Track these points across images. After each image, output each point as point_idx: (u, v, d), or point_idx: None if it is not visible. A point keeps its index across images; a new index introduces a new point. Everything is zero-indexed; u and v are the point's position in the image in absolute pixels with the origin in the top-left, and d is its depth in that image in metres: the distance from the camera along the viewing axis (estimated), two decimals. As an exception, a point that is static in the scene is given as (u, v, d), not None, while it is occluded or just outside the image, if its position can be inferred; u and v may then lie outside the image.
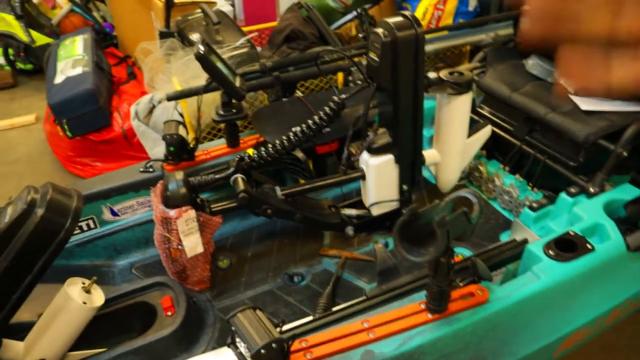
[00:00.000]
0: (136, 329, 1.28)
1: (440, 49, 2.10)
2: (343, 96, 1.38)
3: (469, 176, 1.71)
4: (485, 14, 2.30)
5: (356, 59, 1.74)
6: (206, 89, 1.43)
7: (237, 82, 1.41)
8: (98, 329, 1.20)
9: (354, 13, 2.33)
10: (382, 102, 1.32)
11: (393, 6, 2.34)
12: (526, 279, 1.05)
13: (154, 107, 2.23)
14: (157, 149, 2.23)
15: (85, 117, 2.55)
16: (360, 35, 2.21)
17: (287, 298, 1.32)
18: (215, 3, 2.58)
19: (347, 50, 1.76)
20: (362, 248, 1.47)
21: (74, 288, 1.13)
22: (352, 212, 1.46)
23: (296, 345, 0.88)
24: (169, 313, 1.22)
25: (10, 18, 3.90)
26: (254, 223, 1.55)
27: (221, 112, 1.43)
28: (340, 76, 2.02)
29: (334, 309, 1.02)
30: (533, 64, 1.68)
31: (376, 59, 1.20)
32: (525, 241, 1.21)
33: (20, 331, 1.15)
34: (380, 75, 1.21)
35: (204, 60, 1.31)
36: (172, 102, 2.14)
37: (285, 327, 0.88)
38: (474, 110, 1.66)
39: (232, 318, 0.81)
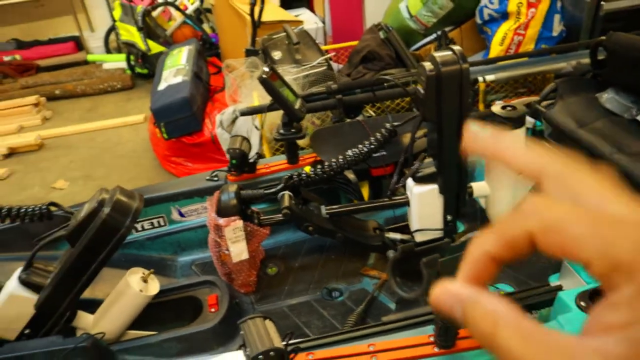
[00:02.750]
0: (185, 319, 1.42)
1: (518, 75, 2.05)
2: (396, 123, 1.43)
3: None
4: (574, 39, 2.20)
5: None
6: (270, 108, 1.56)
7: (298, 104, 1.51)
8: (153, 315, 1.36)
9: (434, 35, 2.35)
10: (429, 132, 1.35)
11: (474, 29, 2.32)
12: (548, 327, 1.03)
13: (236, 117, 2.41)
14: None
15: (180, 122, 2.83)
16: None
17: (321, 311, 1.40)
18: (302, 22, 2.73)
19: (409, 76, 1.80)
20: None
21: (133, 277, 1.30)
22: (397, 236, 1.50)
23: (303, 357, 0.95)
24: (213, 310, 1.35)
25: (133, 29, 4.40)
26: (306, 236, 1.64)
27: (281, 131, 1.55)
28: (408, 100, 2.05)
29: (347, 329, 1.08)
30: (608, 98, 1.60)
31: (422, 90, 1.24)
32: (559, 287, 1.18)
33: (93, 306, 1.35)
34: (425, 107, 1.25)
35: (266, 84, 1.43)
36: (242, 117, 2.31)
37: (293, 340, 0.96)
38: (540, 142, 1.62)
39: (242, 323, 0.91)
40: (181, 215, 1.61)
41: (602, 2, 2.14)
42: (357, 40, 2.85)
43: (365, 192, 1.68)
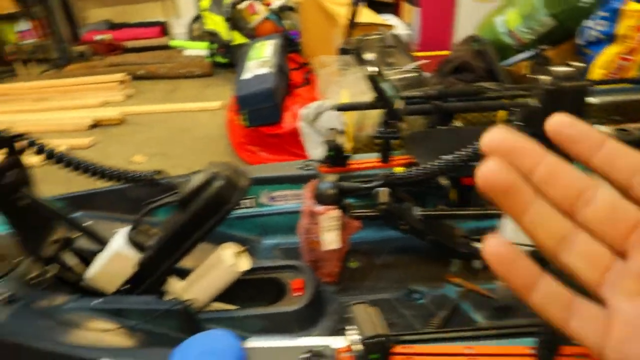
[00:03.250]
0: (266, 299, 1.47)
1: (618, 101, 1.99)
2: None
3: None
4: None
5: (521, 100, 1.75)
6: (371, 106, 1.59)
7: (398, 104, 1.53)
8: (235, 290, 1.41)
9: (530, 52, 2.31)
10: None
11: (571, 49, 2.26)
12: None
13: (321, 113, 2.46)
14: (315, 151, 2.45)
15: (262, 111, 2.91)
16: (531, 75, 2.19)
17: (402, 310, 1.41)
18: (394, 27, 2.75)
19: (512, 90, 1.78)
20: (486, 284, 1.49)
21: (226, 251, 1.35)
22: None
23: (399, 349, 0.96)
24: (297, 294, 1.39)
25: (219, 19, 4.56)
26: (390, 236, 1.65)
27: (380, 129, 1.57)
28: (501, 114, 2.03)
29: (444, 329, 1.08)
30: None
31: (536, 104, 1.23)
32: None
33: (183, 274, 1.42)
34: (536, 122, 1.24)
35: (373, 81, 1.45)
36: (331, 112, 2.35)
37: (394, 332, 0.97)
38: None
39: (353, 306, 0.94)
40: (270, 199, 1.66)
41: None
42: (444, 50, 2.84)
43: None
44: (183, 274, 1.42)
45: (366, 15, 2.73)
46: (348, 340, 0.95)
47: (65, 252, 1.42)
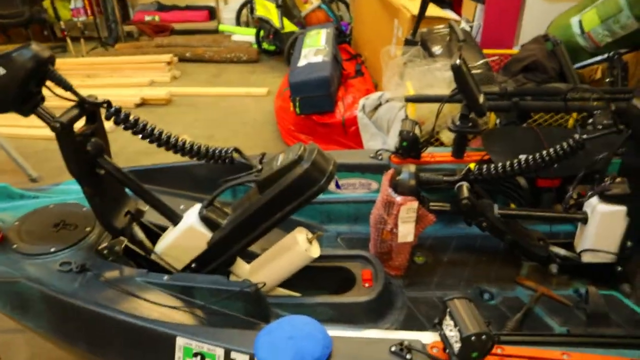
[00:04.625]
0: (329, 288, 1.44)
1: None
2: (585, 136, 1.36)
3: None
4: None
5: (598, 103, 1.68)
6: (450, 99, 1.54)
7: (481, 99, 1.48)
8: (299, 277, 1.38)
9: (605, 56, 2.22)
10: (630, 152, 1.27)
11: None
12: None
13: (380, 104, 2.42)
14: (372, 142, 2.42)
15: (315, 99, 2.89)
16: (607, 80, 2.10)
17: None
18: (459, 21, 2.68)
19: (596, 92, 1.71)
20: (559, 290, 1.43)
21: (300, 236, 1.32)
22: (561, 251, 1.43)
23: (496, 349, 0.93)
24: (367, 285, 1.35)
25: (271, 6, 4.55)
26: (455, 233, 1.61)
27: (458, 123, 1.52)
28: (573, 117, 1.95)
29: (541, 333, 1.04)
30: None
31: (632, 108, 1.17)
32: None
33: (247, 257, 1.40)
34: (629, 125, 1.18)
35: (459, 72, 1.40)
36: (398, 103, 2.31)
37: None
38: None
39: (450, 301, 0.90)
40: (337, 187, 1.63)
41: None
42: (506, 48, 2.76)
43: (524, 201, 1.62)
44: (247, 256, 1.40)
45: (430, 8, 2.67)
46: (444, 336, 0.91)
47: (135, 225, 1.42)
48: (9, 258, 1.29)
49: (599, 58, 2.23)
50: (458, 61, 1.41)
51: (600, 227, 1.31)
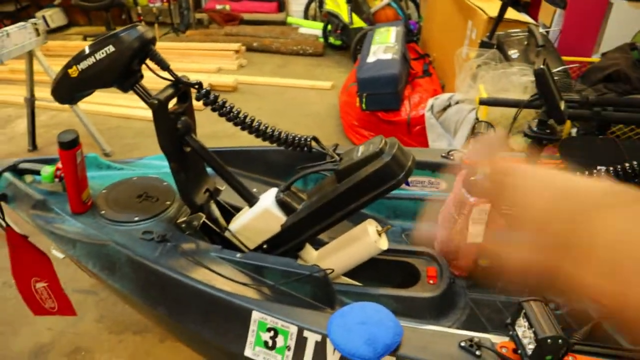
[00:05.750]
0: (393, 282, 1.46)
1: None
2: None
3: None
4: None
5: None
6: (529, 104, 1.52)
7: (562, 106, 1.46)
8: (367, 268, 1.41)
9: (695, 70, 2.11)
10: None
11: None
12: None
13: (449, 105, 2.41)
14: (438, 143, 2.41)
15: (382, 96, 2.90)
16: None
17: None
18: (538, 25, 2.62)
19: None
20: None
21: (371, 227, 1.35)
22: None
23: (570, 356, 0.92)
24: (432, 281, 1.37)
25: (341, 1, 4.59)
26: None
27: (535, 129, 1.50)
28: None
29: (617, 346, 1.02)
30: None
31: None
32: None
33: (315, 244, 1.44)
34: None
35: (542, 77, 1.39)
36: (468, 106, 2.29)
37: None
38: None
39: (525, 302, 0.90)
40: (406, 183, 1.65)
41: None
42: (586, 55, 2.67)
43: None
44: (315, 243, 1.44)
45: (508, 11, 2.62)
46: (516, 337, 0.92)
47: (212, 203, 1.49)
48: (97, 223, 1.40)
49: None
50: (542, 65, 1.39)
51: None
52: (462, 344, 0.96)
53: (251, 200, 1.39)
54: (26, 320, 2.04)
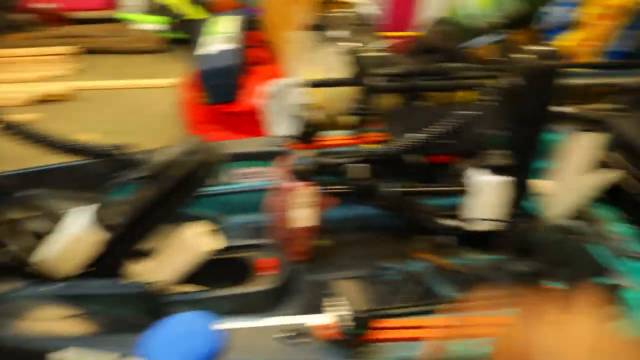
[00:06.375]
0: (234, 280, 1.42)
1: (580, 84, 2.04)
2: (468, 112, 1.43)
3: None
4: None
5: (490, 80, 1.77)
6: (346, 82, 1.55)
7: (375, 81, 1.51)
8: (207, 271, 1.36)
9: (494, 35, 2.34)
10: (505, 126, 1.35)
11: (531, 36, 2.33)
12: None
13: (283, 90, 2.40)
14: (279, 128, 2.40)
15: (224, 88, 2.82)
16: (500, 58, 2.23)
17: (372, 287, 1.40)
18: (356, 4, 2.70)
19: (483, 70, 1.80)
20: (452, 259, 1.51)
21: (190, 231, 1.30)
22: (451, 222, 1.50)
23: (383, 323, 0.95)
24: (266, 273, 1.35)
25: (175, -8, 4.37)
26: (356, 213, 1.63)
27: (355, 106, 1.54)
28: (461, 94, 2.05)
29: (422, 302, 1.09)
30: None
31: (511, 83, 1.24)
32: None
33: (144, 255, 1.35)
34: (510, 100, 1.25)
35: (354, 56, 1.42)
36: (299, 89, 2.30)
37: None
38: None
39: (337, 282, 0.92)
40: (234, 177, 1.61)
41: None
42: (410, 31, 2.84)
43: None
44: (143, 255, 1.35)
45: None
46: (331, 317, 0.93)
47: (12, 234, 1.32)
48: None
49: (489, 38, 2.35)
50: (354, 46, 1.43)
51: (483, 197, 1.39)
52: (286, 335, 0.95)
53: (61, 222, 1.25)
54: None
